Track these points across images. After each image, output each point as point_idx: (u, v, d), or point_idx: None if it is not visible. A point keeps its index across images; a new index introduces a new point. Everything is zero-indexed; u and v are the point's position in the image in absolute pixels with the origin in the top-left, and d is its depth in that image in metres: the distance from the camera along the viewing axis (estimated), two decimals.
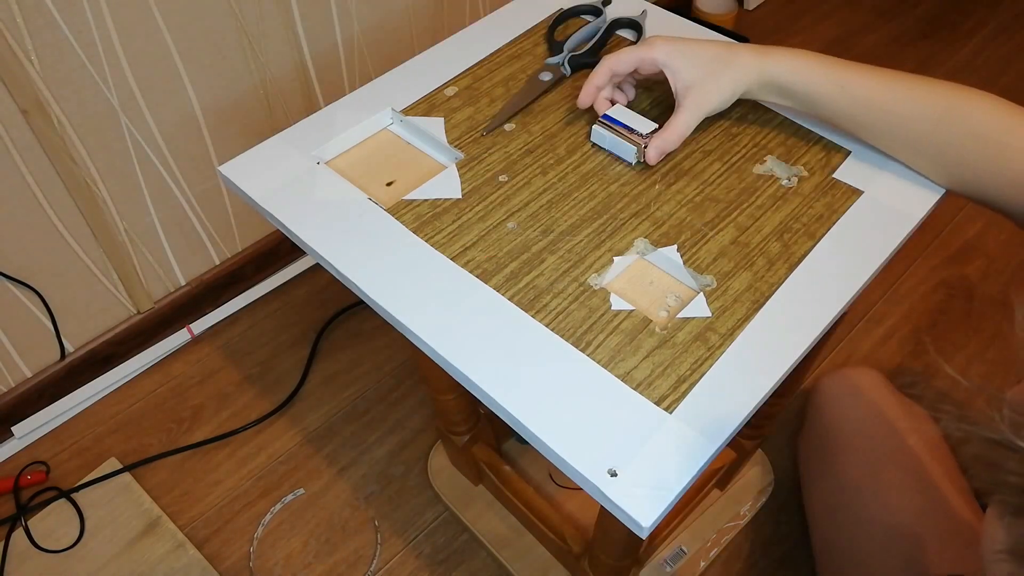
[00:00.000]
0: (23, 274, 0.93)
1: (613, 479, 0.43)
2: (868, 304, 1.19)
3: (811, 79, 0.56)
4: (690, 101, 0.58)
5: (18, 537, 0.95)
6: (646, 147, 0.59)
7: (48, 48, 0.80)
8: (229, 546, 0.96)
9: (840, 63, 0.56)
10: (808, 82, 0.56)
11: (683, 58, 0.58)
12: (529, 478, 0.94)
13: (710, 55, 0.58)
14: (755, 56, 0.57)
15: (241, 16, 0.93)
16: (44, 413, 1.05)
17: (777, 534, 0.95)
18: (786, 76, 0.57)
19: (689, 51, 0.58)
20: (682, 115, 0.58)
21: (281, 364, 1.13)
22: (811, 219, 0.56)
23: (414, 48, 1.16)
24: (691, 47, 0.58)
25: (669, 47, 0.58)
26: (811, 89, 0.56)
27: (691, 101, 0.58)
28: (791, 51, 0.57)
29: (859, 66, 0.56)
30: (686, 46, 0.58)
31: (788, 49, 0.58)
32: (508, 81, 0.67)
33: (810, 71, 0.56)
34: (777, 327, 0.50)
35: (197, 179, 1.03)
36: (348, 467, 1.02)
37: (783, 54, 0.57)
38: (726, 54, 0.58)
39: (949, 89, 0.54)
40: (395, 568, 0.94)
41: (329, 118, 0.63)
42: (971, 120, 0.52)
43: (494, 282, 0.52)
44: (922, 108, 0.54)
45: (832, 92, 0.56)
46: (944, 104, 0.53)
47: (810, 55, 0.57)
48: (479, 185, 0.58)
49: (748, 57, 0.57)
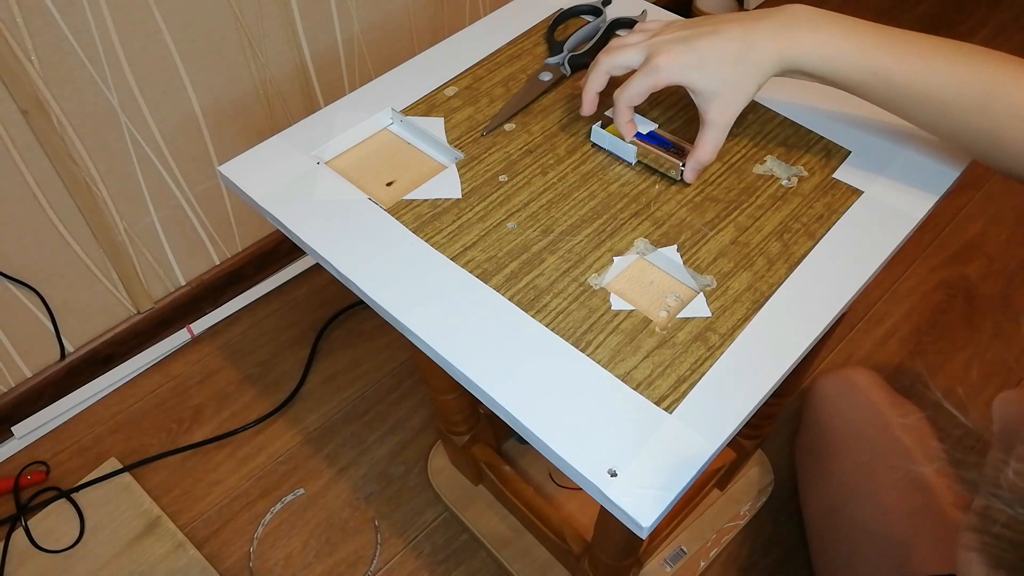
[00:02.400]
0: (23, 274, 0.93)
1: (613, 479, 0.43)
2: (868, 304, 1.19)
3: (838, 66, 0.52)
4: (715, 115, 0.55)
5: (18, 537, 0.95)
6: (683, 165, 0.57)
7: (48, 48, 0.80)
8: (229, 546, 0.96)
9: (872, 39, 0.51)
10: (835, 69, 0.52)
11: (696, 71, 0.53)
12: (529, 478, 0.94)
13: (724, 56, 0.53)
14: (774, 43, 0.52)
15: (241, 16, 0.93)
16: (44, 413, 1.05)
17: (777, 534, 0.96)
18: (810, 63, 0.52)
19: (701, 61, 0.53)
20: (709, 132, 0.55)
21: (281, 364, 1.13)
22: (811, 219, 0.56)
23: (414, 48, 1.16)
24: (702, 56, 0.53)
25: (677, 65, 0.53)
26: (839, 76, 0.53)
27: (716, 115, 0.54)
28: (816, 28, 0.52)
29: (895, 41, 0.51)
30: (696, 56, 0.53)
31: (813, 24, 0.52)
32: (508, 81, 0.67)
33: (837, 56, 0.52)
34: (777, 327, 0.50)
35: (197, 179, 1.03)
36: (348, 467, 1.02)
37: (806, 36, 0.52)
38: (741, 50, 0.52)
39: (993, 67, 0.50)
40: (395, 568, 0.94)
41: (329, 118, 0.63)
42: (1015, 103, 0.49)
43: (494, 282, 0.52)
44: (963, 94, 0.50)
45: (863, 79, 0.52)
46: (987, 87, 0.50)
47: (836, 31, 0.52)
48: (479, 185, 0.58)
49: (766, 47, 0.52)
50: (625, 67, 0.57)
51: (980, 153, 0.53)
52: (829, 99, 0.64)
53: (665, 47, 0.54)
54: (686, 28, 0.55)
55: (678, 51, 0.53)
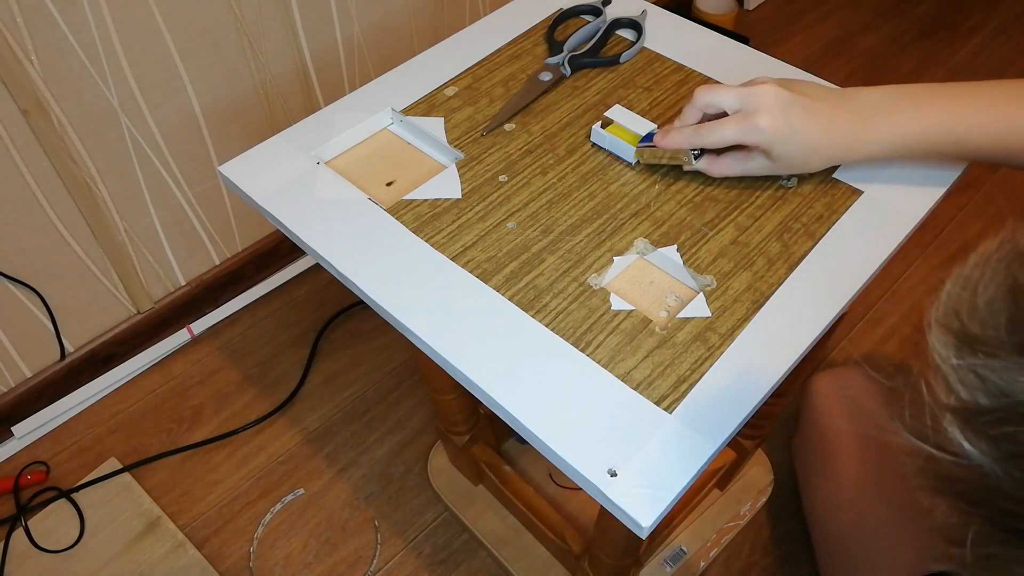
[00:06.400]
0: (23, 274, 0.93)
1: (613, 479, 0.43)
2: (868, 304, 1.19)
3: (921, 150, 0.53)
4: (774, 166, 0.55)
5: (18, 537, 0.95)
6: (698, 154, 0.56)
7: (48, 48, 0.80)
8: (229, 546, 0.96)
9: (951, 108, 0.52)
10: (919, 154, 0.54)
11: (785, 147, 0.53)
12: (529, 478, 0.94)
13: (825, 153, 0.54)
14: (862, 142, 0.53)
15: (241, 16, 0.93)
16: (44, 413, 1.05)
17: (777, 534, 0.95)
18: (894, 154, 0.54)
19: (798, 147, 0.53)
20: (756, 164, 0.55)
21: (281, 364, 1.13)
22: (811, 219, 0.56)
23: (414, 48, 1.16)
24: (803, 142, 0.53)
25: (775, 139, 0.52)
26: (924, 158, 0.54)
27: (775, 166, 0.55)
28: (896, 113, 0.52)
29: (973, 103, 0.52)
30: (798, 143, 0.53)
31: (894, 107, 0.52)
32: (508, 81, 0.67)
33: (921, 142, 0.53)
34: (777, 327, 0.50)
35: (197, 179, 1.03)
36: (348, 467, 1.02)
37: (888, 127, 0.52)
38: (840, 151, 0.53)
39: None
40: (395, 568, 0.94)
41: (329, 118, 0.63)
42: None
43: (494, 282, 0.52)
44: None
45: (947, 151, 0.53)
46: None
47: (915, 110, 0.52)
48: (479, 185, 0.58)
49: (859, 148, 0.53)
50: (718, 107, 0.55)
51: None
52: None
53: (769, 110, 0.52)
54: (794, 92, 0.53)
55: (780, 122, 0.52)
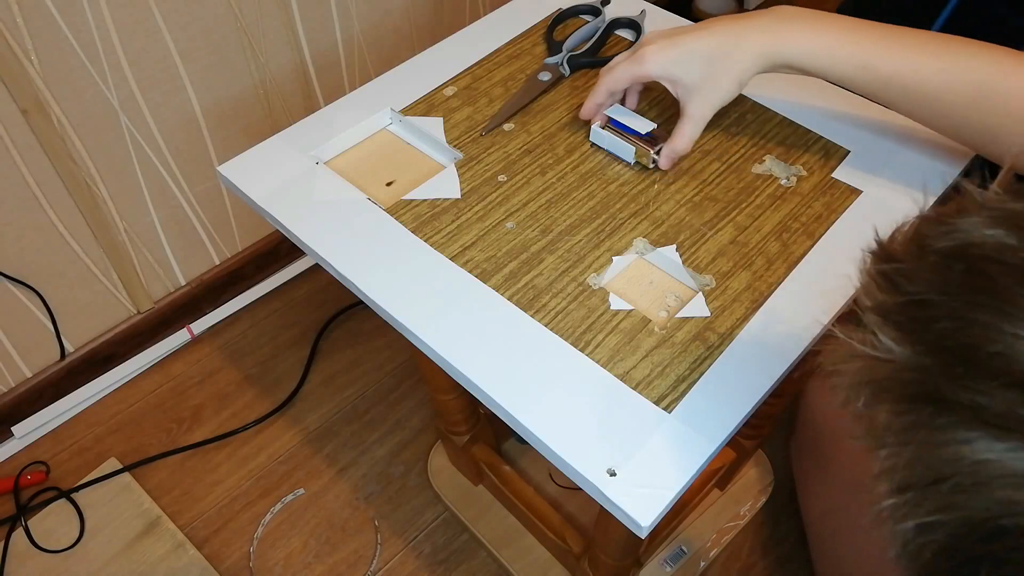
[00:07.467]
0: (23, 274, 0.93)
1: (612, 479, 0.43)
2: None
3: (830, 62, 0.52)
4: (693, 108, 0.56)
5: (18, 537, 0.95)
6: (656, 152, 0.58)
7: (48, 48, 0.80)
8: (229, 546, 0.96)
9: (865, 35, 0.52)
10: (825, 64, 0.52)
11: (678, 66, 0.55)
12: (529, 478, 0.94)
13: (708, 53, 0.54)
14: (764, 38, 0.53)
15: (241, 16, 0.93)
16: (44, 413, 1.05)
17: (777, 534, 0.95)
18: (799, 58, 0.53)
19: (684, 56, 0.55)
20: (686, 124, 0.56)
21: (281, 364, 1.13)
22: (810, 219, 0.56)
23: (414, 48, 1.16)
24: (686, 50, 0.55)
25: (661, 58, 0.55)
26: (830, 72, 0.53)
27: (694, 108, 0.56)
28: (808, 25, 0.53)
29: (884, 36, 0.52)
30: (680, 51, 0.55)
31: (805, 22, 0.53)
32: (507, 81, 0.67)
33: (828, 53, 0.52)
34: (776, 326, 0.49)
35: (197, 179, 1.03)
36: (348, 467, 1.02)
37: (795, 32, 0.53)
38: (727, 46, 0.54)
39: (986, 62, 0.50)
40: (395, 568, 0.94)
41: (329, 118, 0.63)
42: (1009, 100, 0.49)
43: (493, 282, 0.52)
44: (954, 87, 0.50)
45: (854, 74, 0.52)
46: (978, 81, 0.49)
47: (825, 27, 0.52)
48: (478, 185, 0.58)
49: (755, 42, 0.53)
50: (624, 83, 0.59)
51: (977, 147, 0.54)
52: (828, 99, 0.64)
53: (654, 44, 0.56)
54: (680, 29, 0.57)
55: (662, 44, 0.56)
